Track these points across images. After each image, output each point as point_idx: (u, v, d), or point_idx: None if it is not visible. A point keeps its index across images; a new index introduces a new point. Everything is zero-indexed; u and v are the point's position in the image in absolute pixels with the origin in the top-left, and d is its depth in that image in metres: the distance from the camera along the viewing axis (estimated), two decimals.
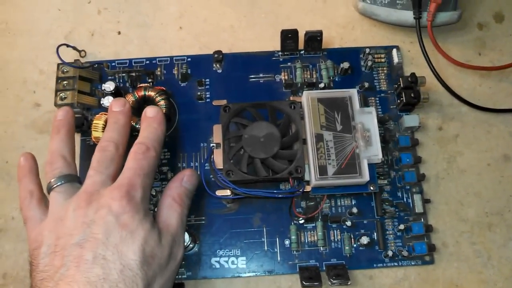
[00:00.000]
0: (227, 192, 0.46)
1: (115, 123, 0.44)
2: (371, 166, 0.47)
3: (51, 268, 0.36)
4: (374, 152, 0.46)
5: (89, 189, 0.39)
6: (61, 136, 0.43)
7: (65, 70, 0.50)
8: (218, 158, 0.46)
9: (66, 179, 0.41)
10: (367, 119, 0.47)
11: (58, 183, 0.40)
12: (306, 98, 0.47)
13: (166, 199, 0.42)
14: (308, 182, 0.46)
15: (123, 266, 0.36)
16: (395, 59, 0.53)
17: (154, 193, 0.48)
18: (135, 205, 0.38)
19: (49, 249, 0.37)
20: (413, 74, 0.50)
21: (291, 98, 0.49)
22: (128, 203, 0.38)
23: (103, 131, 0.47)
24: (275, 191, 0.46)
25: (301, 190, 0.46)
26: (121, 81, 0.52)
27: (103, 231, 0.36)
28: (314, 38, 0.52)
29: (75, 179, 0.42)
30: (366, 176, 0.45)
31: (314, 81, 0.52)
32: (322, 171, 0.45)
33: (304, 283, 0.44)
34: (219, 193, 0.46)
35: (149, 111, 0.45)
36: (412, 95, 0.50)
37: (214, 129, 0.47)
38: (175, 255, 0.40)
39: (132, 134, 0.46)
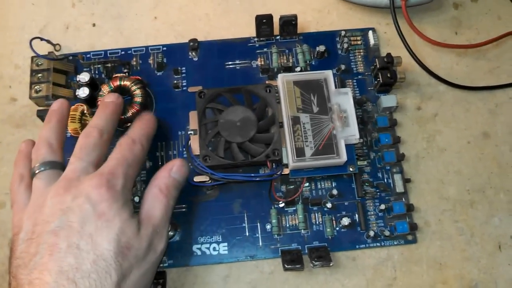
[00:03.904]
0: (205, 178, 0.46)
1: (103, 111, 0.43)
2: (349, 147, 0.47)
3: (26, 255, 0.36)
4: (351, 132, 0.46)
5: (69, 175, 0.39)
6: (51, 125, 0.43)
7: (39, 63, 0.50)
8: (195, 144, 0.46)
9: (48, 166, 0.40)
10: (343, 100, 0.47)
11: (41, 169, 0.40)
12: (282, 81, 0.47)
13: (152, 189, 0.41)
14: (286, 165, 0.46)
15: (97, 256, 0.35)
16: (371, 41, 0.53)
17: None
18: (114, 193, 0.38)
19: (26, 236, 0.37)
20: (389, 55, 0.50)
21: (267, 82, 0.49)
22: (107, 191, 0.37)
23: (79, 122, 0.47)
24: (253, 175, 0.46)
25: (279, 172, 0.45)
26: (96, 72, 0.52)
27: (79, 219, 0.36)
28: (289, 22, 0.51)
29: (58, 166, 0.41)
30: (343, 156, 0.45)
31: (291, 65, 0.52)
32: (300, 153, 0.45)
33: (286, 265, 0.44)
34: (197, 179, 0.46)
35: (144, 114, 0.46)
36: (389, 75, 0.50)
37: (191, 116, 0.47)
38: (155, 247, 0.40)
39: (123, 126, 0.47)
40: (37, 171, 0.40)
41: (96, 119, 0.42)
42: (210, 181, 0.46)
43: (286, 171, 0.46)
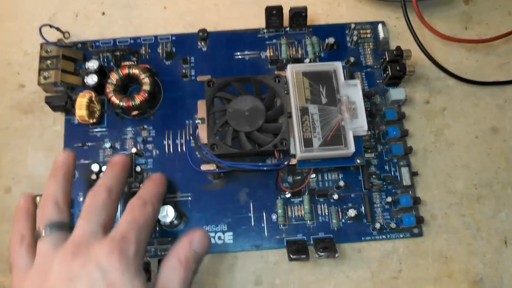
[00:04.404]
0: (212, 167, 0.46)
1: (111, 170, 0.41)
2: (357, 139, 0.46)
3: None
4: (360, 124, 0.46)
5: (77, 239, 0.36)
6: (57, 180, 0.40)
7: (48, 50, 0.50)
8: (202, 133, 0.46)
9: (55, 227, 0.37)
10: (352, 92, 0.47)
11: (47, 231, 0.37)
12: (291, 71, 0.47)
13: (171, 259, 0.38)
14: (293, 156, 0.46)
15: None
16: (381, 34, 0.53)
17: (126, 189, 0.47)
18: (126, 261, 0.34)
19: None
20: (398, 48, 0.50)
21: (276, 73, 0.48)
22: (119, 258, 0.34)
23: (87, 109, 0.47)
24: (260, 164, 0.46)
25: (286, 162, 0.45)
26: (105, 60, 0.52)
27: None
28: (299, 14, 0.51)
29: (65, 227, 0.38)
30: (351, 148, 0.45)
31: (300, 57, 0.52)
32: (308, 143, 0.45)
33: (291, 256, 0.44)
34: (204, 167, 0.46)
35: (154, 174, 0.44)
36: (398, 68, 0.49)
37: (199, 105, 0.47)
38: None
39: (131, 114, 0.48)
40: (42, 233, 0.37)
41: (103, 179, 0.40)
42: (216, 169, 0.46)
43: (293, 161, 0.46)
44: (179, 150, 0.49)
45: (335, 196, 0.47)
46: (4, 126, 0.51)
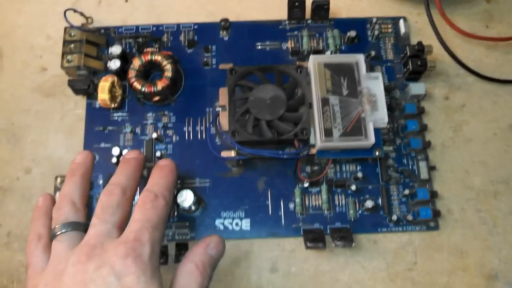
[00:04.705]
0: (232, 154, 0.46)
1: (125, 168, 0.41)
2: (376, 131, 0.46)
3: None
4: (380, 116, 0.46)
5: (92, 241, 0.35)
6: (75, 180, 0.40)
7: (72, 34, 0.50)
8: (224, 120, 0.46)
9: (70, 227, 0.37)
10: (373, 84, 0.47)
11: (62, 231, 0.37)
12: (313, 62, 0.47)
13: (187, 264, 0.37)
14: (313, 146, 0.46)
15: None
16: (402, 30, 0.53)
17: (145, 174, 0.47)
18: (141, 264, 0.33)
19: None
20: (420, 43, 0.50)
21: (298, 63, 0.49)
22: (133, 262, 0.33)
23: (109, 93, 0.48)
24: (280, 152, 0.46)
25: (306, 152, 0.46)
26: (127, 46, 0.52)
27: None
28: (321, 7, 0.52)
29: (80, 227, 0.37)
30: (371, 139, 0.45)
31: (321, 49, 0.52)
32: (328, 133, 0.45)
33: (308, 244, 0.44)
34: (224, 154, 0.46)
35: (161, 161, 0.42)
36: (419, 63, 0.50)
37: (220, 92, 0.47)
38: None
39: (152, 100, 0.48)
40: (58, 233, 0.37)
41: (117, 177, 0.40)
42: (236, 156, 0.46)
43: (313, 151, 0.46)
44: (199, 137, 0.49)
45: (353, 187, 0.47)
46: (26, 108, 0.51)
